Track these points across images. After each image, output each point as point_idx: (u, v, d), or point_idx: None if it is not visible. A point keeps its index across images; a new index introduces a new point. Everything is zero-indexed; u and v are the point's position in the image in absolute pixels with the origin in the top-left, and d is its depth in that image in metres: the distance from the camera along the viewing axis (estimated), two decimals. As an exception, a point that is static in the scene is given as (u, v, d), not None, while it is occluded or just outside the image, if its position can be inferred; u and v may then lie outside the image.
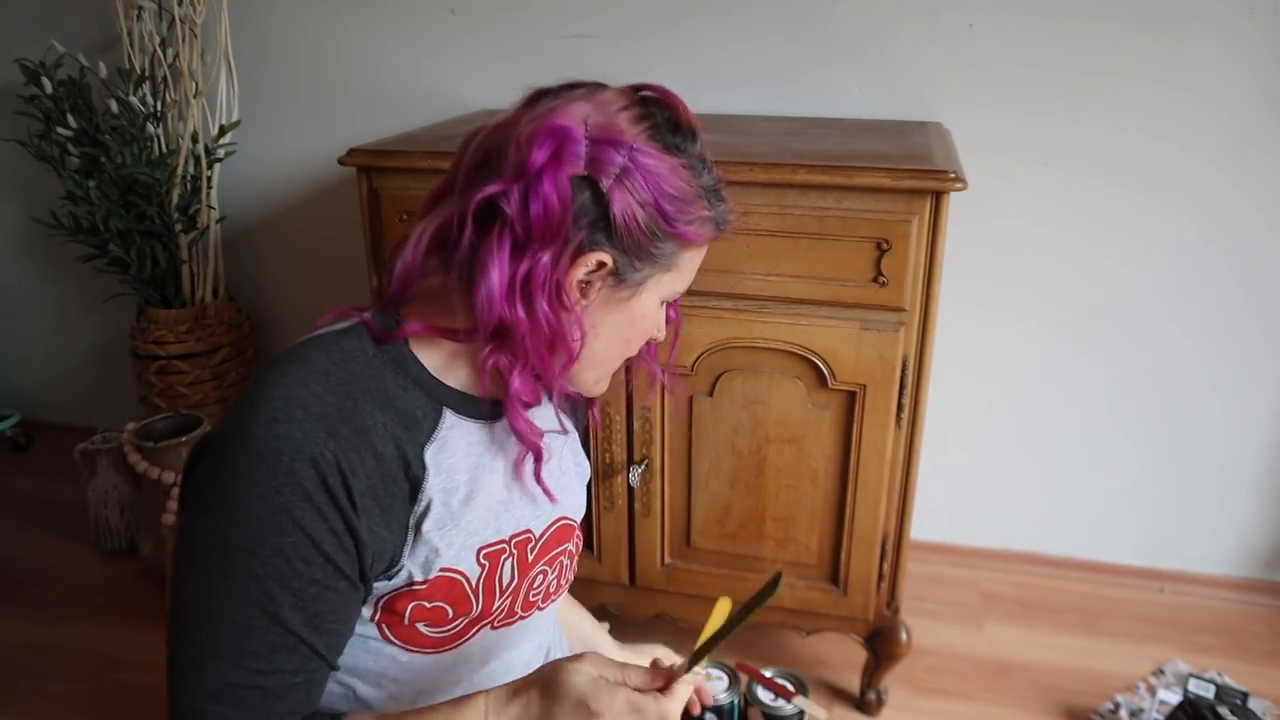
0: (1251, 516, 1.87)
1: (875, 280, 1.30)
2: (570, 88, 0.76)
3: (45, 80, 1.90)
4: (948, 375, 1.76)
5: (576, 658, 0.72)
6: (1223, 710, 1.48)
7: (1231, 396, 1.79)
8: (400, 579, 0.76)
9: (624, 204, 0.72)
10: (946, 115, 1.70)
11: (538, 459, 0.82)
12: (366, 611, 0.78)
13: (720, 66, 1.78)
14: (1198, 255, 1.72)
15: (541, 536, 0.86)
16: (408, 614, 0.77)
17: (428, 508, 0.75)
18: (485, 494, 0.80)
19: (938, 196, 1.25)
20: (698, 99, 1.78)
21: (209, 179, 1.99)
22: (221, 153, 2.00)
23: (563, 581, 0.93)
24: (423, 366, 0.77)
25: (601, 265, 0.74)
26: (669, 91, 0.77)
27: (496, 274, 0.71)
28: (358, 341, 0.76)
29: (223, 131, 1.97)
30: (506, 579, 0.83)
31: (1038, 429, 1.90)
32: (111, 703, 1.61)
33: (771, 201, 1.30)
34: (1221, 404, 1.80)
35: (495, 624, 0.84)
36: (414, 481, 0.75)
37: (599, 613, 1.59)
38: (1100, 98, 1.65)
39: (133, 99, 1.87)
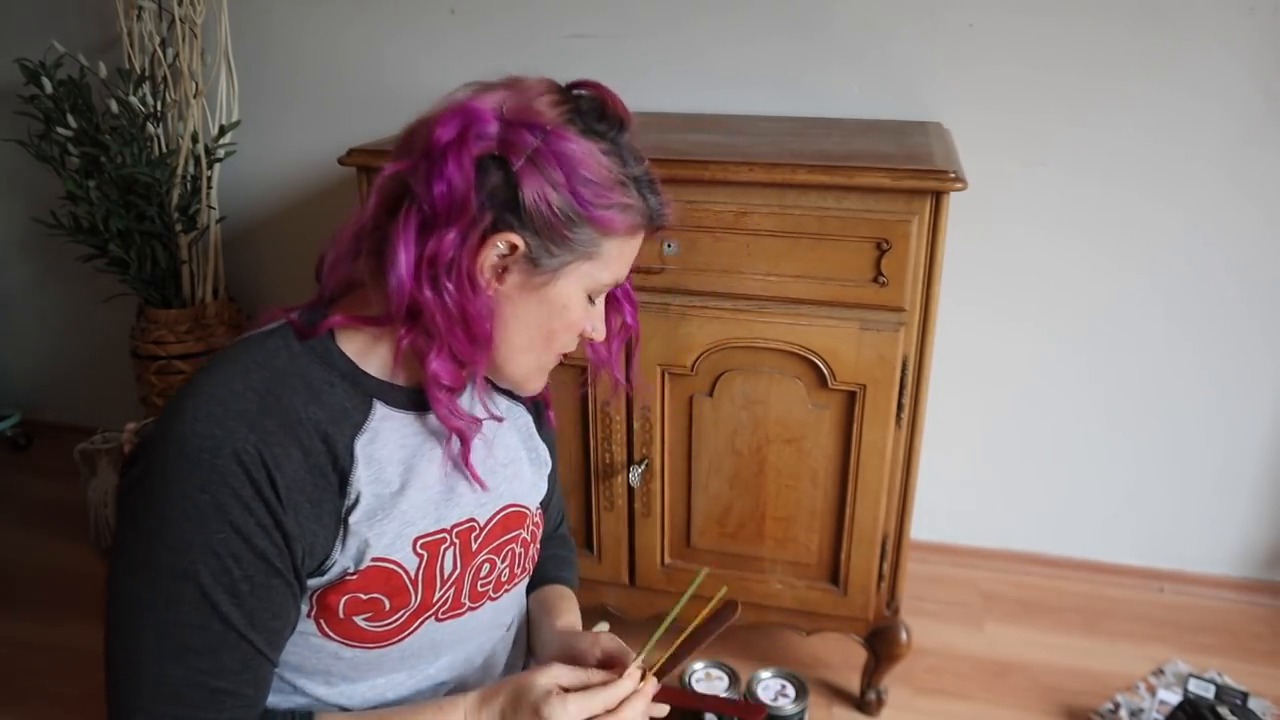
0: (1251, 516, 1.87)
1: (875, 280, 1.30)
2: (507, 80, 0.77)
3: (45, 80, 1.90)
4: (948, 375, 1.76)
5: (544, 667, 0.78)
6: (1223, 710, 1.48)
7: (1231, 396, 1.80)
8: (334, 573, 0.75)
9: (536, 186, 0.71)
10: (946, 115, 1.70)
11: (465, 444, 0.81)
12: (304, 607, 0.77)
13: (720, 66, 1.78)
14: (1197, 255, 1.72)
15: (487, 524, 0.86)
16: (342, 607, 0.76)
17: (356, 500, 0.75)
18: (421, 483, 0.79)
19: (938, 196, 1.25)
20: (698, 99, 1.80)
21: (209, 179, 1.99)
22: (221, 153, 2.00)
23: (517, 570, 0.92)
24: (348, 359, 0.77)
25: (514, 248, 0.73)
26: (602, 85, 0.77)
27: (404, 253, 0.71)
28: (282, 340, 0.76)
29: (223, 131, 1.97)
30: (449, 569, 0.82)
31: (1037, 429, 1.90)
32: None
33: (771, 201, 1.30)
34: (1221, 404, 1.80)
35: (440, 615, 0.83)
36: (342, 474, 0.75)
37: (599, 613, 1.59)
38: (1100, 98, 1.65)
39: (133, 99, 1.87)
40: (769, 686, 1.47)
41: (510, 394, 0.92)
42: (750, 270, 1.34)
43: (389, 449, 0.78)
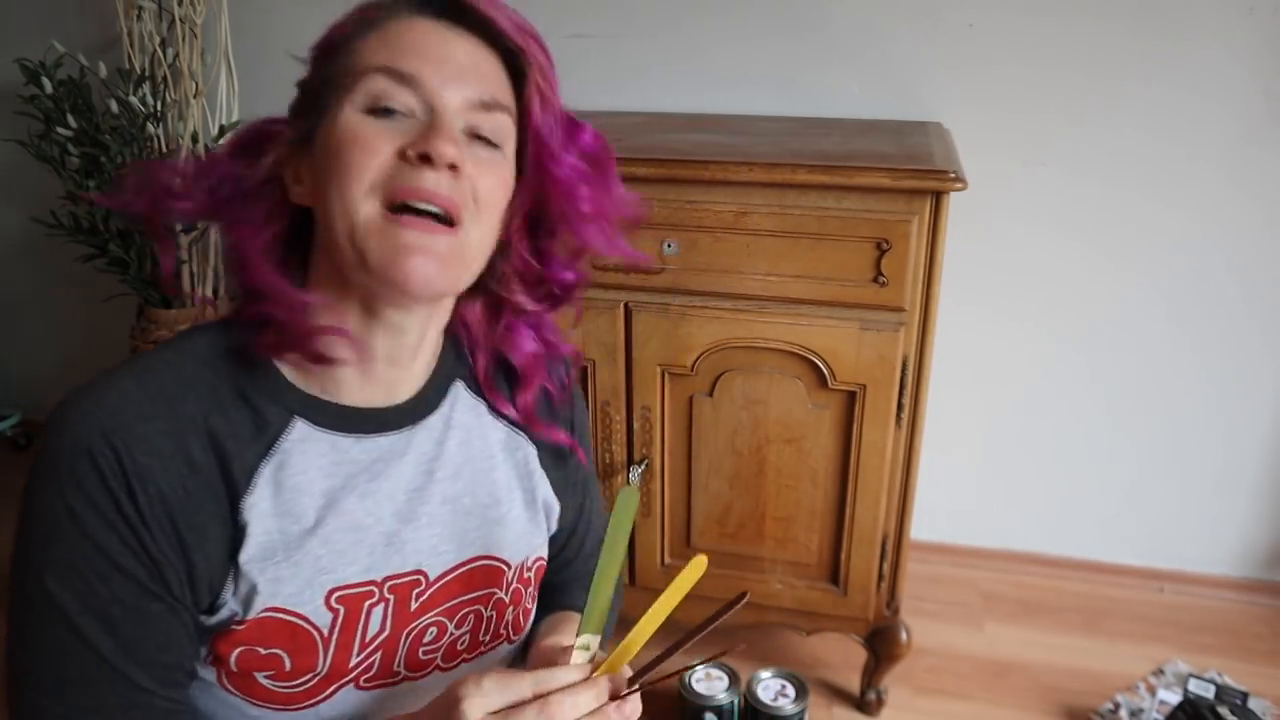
0: (1251, 516, 1.87)
1: (875, 280, 1.30)
2: None
3: (45, 80, 1.90)
4: (948, 375, 1.76)
5: (474, 677, 0.59)
6: (1223, 710, 1.48)
7: (1231, 396, 1.79)
8: (222, 615, 0.64)
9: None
10: (946, 115, 1.70)
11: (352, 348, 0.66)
12: (200, 649, 0.65)
13: (721, 67, 1.78)
14: (1197, 255, 1.72)
15: (439, 580, 0.71)
16: (234, 659, 0.64)
17: (244, 532, 0.63)
18: (348, 522, 0.67)
19: (938, 196, 1.25)
20: (698, 99, 1.80)
21: (209, 179, 1.99)
22: (221, 153, 2.00)
23: (483, 637, 0.75)
24: (273, 365, 0.67)
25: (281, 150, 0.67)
26: None
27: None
28: (212, 338, 0.66)
29: (223, 131, 1.97)
30: (374, 630, 0.68)
31: (1038, 429, 1.90)
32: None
33: (771, 201, 1.30)
34: (1221, 403, 1.80)
35: (362, 683, 0.69)
36: (232, 499, 0.63)
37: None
38: (1100, 98, 1.65)
39: (133, 99, 1.87)
40: (769, 686, 1.47)
41: (513, 421, 0.78)
42: (750, 270, 1.34)
43: (306, 476, 0.66)
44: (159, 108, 1.94)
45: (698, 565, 0.62)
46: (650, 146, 1.44)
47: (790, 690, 1.46)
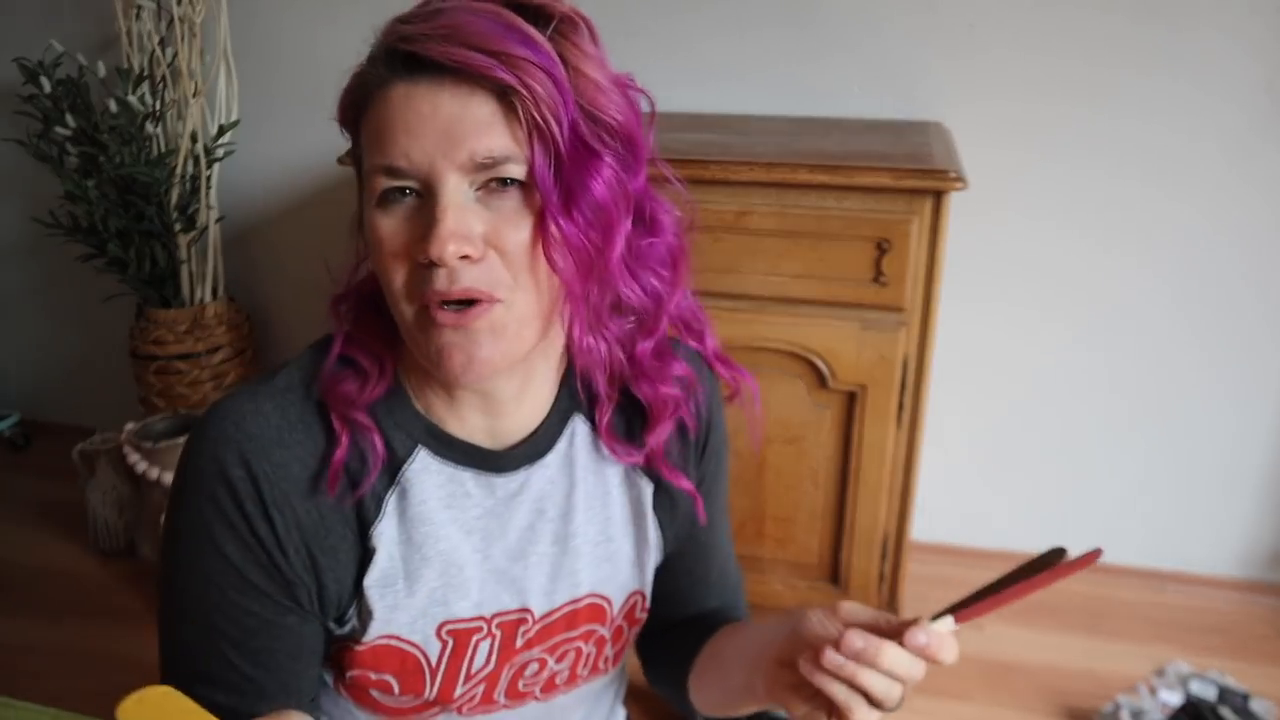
0: (1254, 517, 1.87)
1: (875, 280, 1.30)
2: None
3: (44, 79, 1.90)
4: (949, 374, 1.76)
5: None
6: (1225, 711, 1.47)
7: (1235, 396, 1.79)
8: (346, 629, 0.67)
9: None
10: (948, 113, 1.70)
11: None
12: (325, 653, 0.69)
13: (721, 66, 1.77)
14: (1201, 251, 1.71)
15: (545, 618, 0.71)
16: (348, 675, 0.67)
17: (371, 557, 0.64)
18: (460, 557, 0.67)
19: (938, 196, 1.25)
20: (698, 99, 1.80)
21: (208, 179, 1.99)
22: (220, 152, 1.99)
23: (581, 672, 0.75)
24: (407, 394, 0.66)
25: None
26: None
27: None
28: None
29: (222, 131, 1.96)
30: (479, 664, 0.70)
31: (1040, 428, 1.90)
32: (111, 703, 1.61)
33: (772, 201, 1.30)
34: (1225, 403, 1.80)
35: (463, 711, 0.71)
36: (363, 525, 0.65)
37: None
38: (1104, 93, 1.64)
39: (131, 98, 1.87)
40: (769, 687, 1.46)
41: (644, 462, 0.73)
42: (750, 270, 1.34)
43: (427, 506, 0.66)
44: (158, 107, 1.94)
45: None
46: (650, 146, 1.44)
47: (790, 691, 1.46)
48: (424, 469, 0.66)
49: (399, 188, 0.58)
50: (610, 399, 0.70)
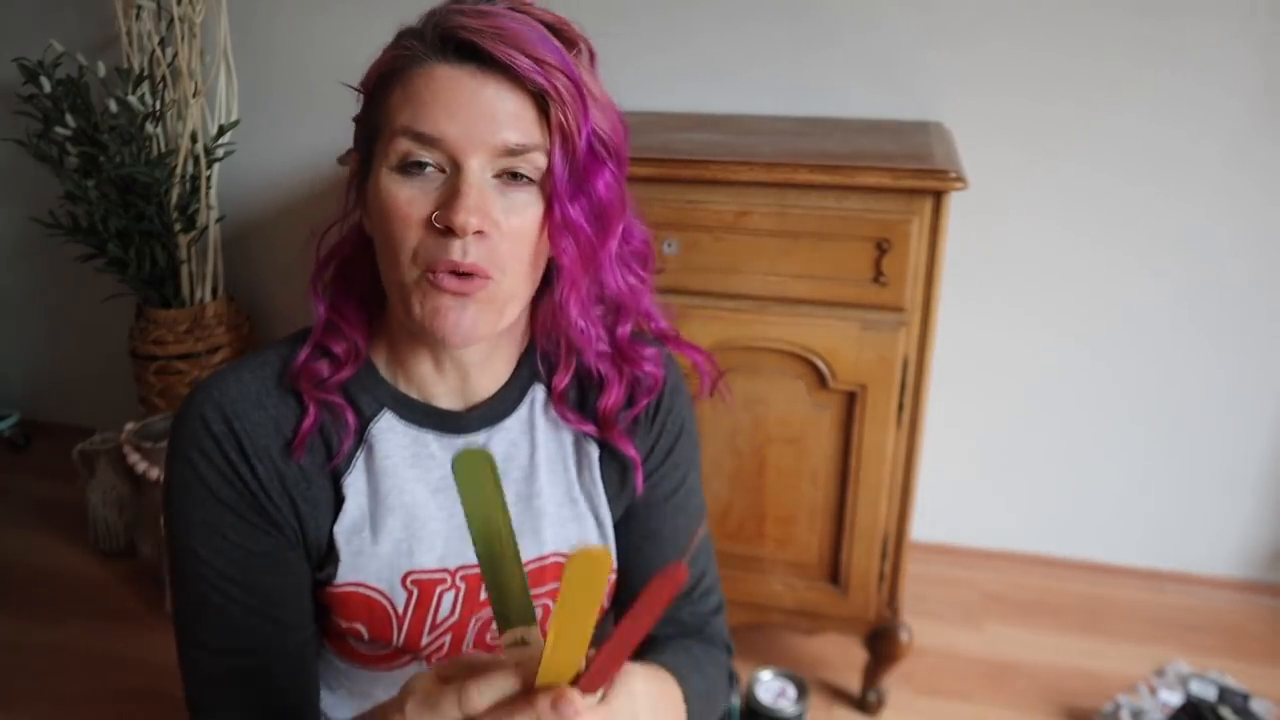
0: (1254, 517, 1.87)
1: (875, 280, 1.30)
2: None
3: (44, 79, 1.90)
4: (949, 373, 1.76)
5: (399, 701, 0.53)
6: (1224, 711, 1.47)
7: (1235, 396, 1.79)
8: (324, 575, 0.73)
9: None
10: (948, 113, 1.70)
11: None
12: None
13: (721, 66, 1.77)
14: (1202, 252, 1.71)
15: None
16: (327, 624, 0.74)
17: (343, 505, 0.71)
18: (424, 512, 0.72)
19: (938, 196, 1.25)
20: (698, 99, 1.80)
21: (208, 179, 1.99)
22: (220, 152, 1.99)
23: (545, 630, 0.78)
24: (372, 363, 0.74)
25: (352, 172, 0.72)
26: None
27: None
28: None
29: (222, 131, 1.96)
30: (444, 614, 0.74)
31: (1040, 428, 1.90)
32: (111, 703, 1.61)
33: (772, 201, 1.30)
34: (1225, 403, 1.80)
35: (431, 659, 0.76)
36: (335, 476, 0.71)
37: (599, 613, 1.59)
38: (1105, 92, 1.64)
39: (131, 98, 1.86)
40: (769, 687, 1.46)
41: (595, 432, 0.78)
42: (750, 270, 1.34)
43: (391, 461, 0.72)
44: (158, 107, 1.94)
45: (587, 559, 0.45)
46: (650, 146, 1.44)
47: (790, 691, 1.45)
48: (389, 428, 0.72)
49: (421, 161, 0.64)
50: (568, 368, 0.76)
